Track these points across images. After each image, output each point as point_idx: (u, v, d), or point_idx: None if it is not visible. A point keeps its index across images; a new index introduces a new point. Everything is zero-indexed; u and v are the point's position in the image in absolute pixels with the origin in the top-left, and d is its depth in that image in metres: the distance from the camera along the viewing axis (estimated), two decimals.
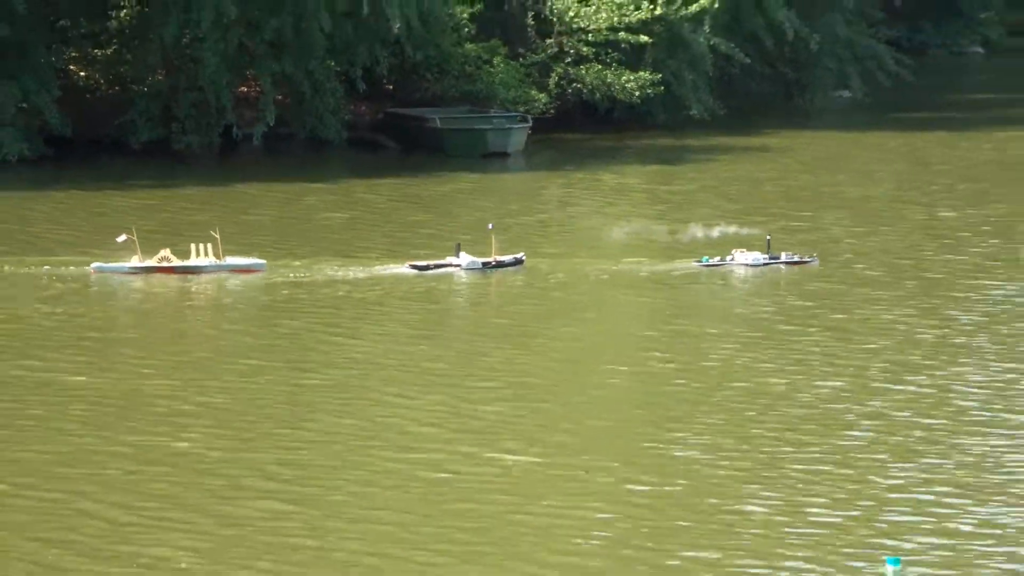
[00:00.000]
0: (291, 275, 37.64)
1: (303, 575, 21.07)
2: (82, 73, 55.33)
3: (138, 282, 37.10)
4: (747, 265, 38.79)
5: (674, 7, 57.72)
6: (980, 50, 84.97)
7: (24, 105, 51.17)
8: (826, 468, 25.15)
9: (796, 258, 38.98)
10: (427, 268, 38.02)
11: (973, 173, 52.37)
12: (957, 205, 46.76)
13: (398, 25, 52.16)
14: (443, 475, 24.81)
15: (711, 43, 58.50)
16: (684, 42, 58.18)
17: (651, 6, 57.47)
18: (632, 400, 29.45)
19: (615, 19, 57.57)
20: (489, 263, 38.13)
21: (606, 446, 26.77)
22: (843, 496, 23.87)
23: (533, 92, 56.48)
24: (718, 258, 38.97)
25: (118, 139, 52.55)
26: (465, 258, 38.10)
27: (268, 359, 31.19)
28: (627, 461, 25.83)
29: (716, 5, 58.31)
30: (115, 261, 37.39)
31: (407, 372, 30.85)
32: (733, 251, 39.19)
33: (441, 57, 56.01)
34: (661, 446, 26.63)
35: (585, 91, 57.58)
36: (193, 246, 37.68)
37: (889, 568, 21.15)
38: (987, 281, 37.53)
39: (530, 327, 34.63)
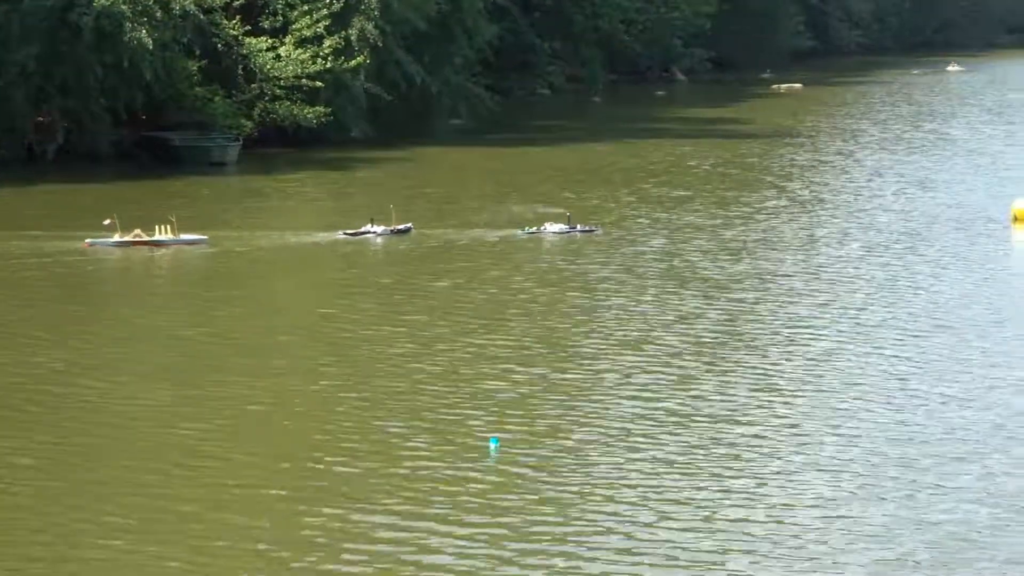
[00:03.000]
0: (233, 244, 38.19)
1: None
2: None
3: (118, 251, 37.61)
4: (556, 233, 39.28)
5: (339, 63, 59.26)
6: (547, 92, 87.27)
7: None
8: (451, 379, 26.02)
9: (587, 228, 39.62)
10: (356, 234, 39.05)
11: (540, 176, 53.80)
12: (537, 196, 47.42)
13: (149, 74, 53.30)
14: None
15: (365, 87, 60.27)
16: (346, 86, 59.80)
17: (323, 62, 58.97)
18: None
19: (299, 71, 58.79)
20: (394, 229, 39.17)
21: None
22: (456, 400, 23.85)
23: (243, 120, 57.46)
24: (536, 228, 39.55)
25: None
26: (379, 227, 39.22)
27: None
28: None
29: (368, 62, 59.97)
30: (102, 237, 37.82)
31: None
32: (546, 224, 39.85)
33: (179, 96, 56.64)
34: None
35: (279, 120, 58.62)
36: (157, 226, 38.01)
37: (492, 445, 21.29)
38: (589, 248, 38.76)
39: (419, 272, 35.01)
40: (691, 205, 45.91)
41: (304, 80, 59.10)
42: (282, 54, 59.62)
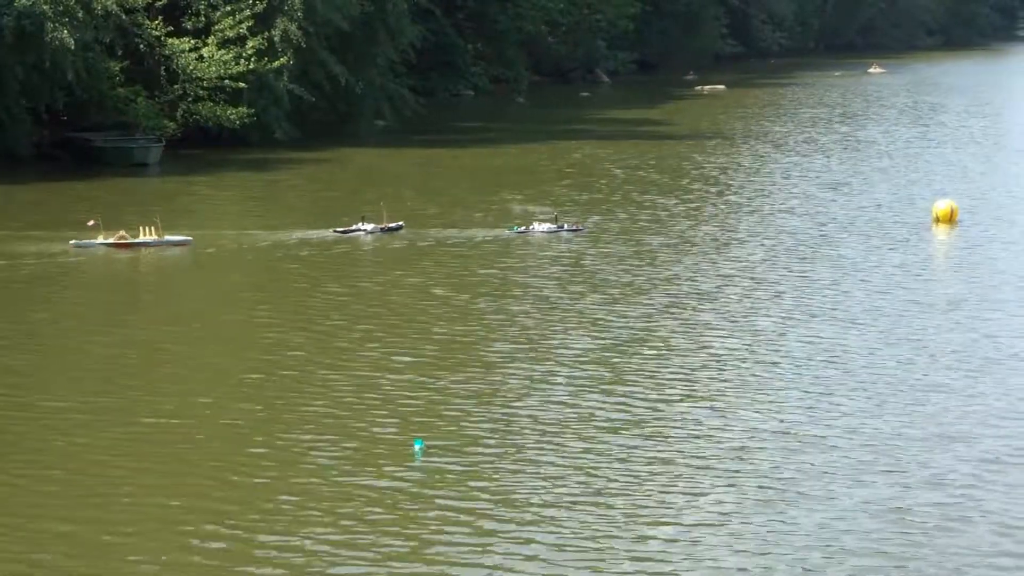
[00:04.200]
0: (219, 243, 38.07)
1: None
2: None
3: (102, 251, 37.39)
4: (544, 232, 39.52)
5: (262, 63, 59.18)
6: (471, 93, 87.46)
7: None
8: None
9: (574, 227, 39.99)
10: (346, 232, 39.26)
11: (461, 176, 54.18)
12: (461, 198, 47.85)
13: (71, 74, 52.95)
14: None
15: (288, 87, 60.20)
16: (270, 87, 59.69)
17: (247, 63, 58.86)
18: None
19: (222, 71, 58.58)
20: (385, 227, 39.46)
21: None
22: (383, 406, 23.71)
23: (166, 121, 57.46)
24: (524, 227, 39.90)
25: None
26: (369, 224, 39.66)
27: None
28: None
29: (291, 62, 60.00)
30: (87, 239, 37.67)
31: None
32: (534, 223, 40.31)
33: (101, 97, 56.40)
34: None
35: (202, 121, 58.52)
36: (141, 227, 37.98)
37: (416, 447, 21.51)
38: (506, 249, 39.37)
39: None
40: (605, 208, 45.61)
41: (227, 81, 58.84)
42: (205, 55, 59.31)
